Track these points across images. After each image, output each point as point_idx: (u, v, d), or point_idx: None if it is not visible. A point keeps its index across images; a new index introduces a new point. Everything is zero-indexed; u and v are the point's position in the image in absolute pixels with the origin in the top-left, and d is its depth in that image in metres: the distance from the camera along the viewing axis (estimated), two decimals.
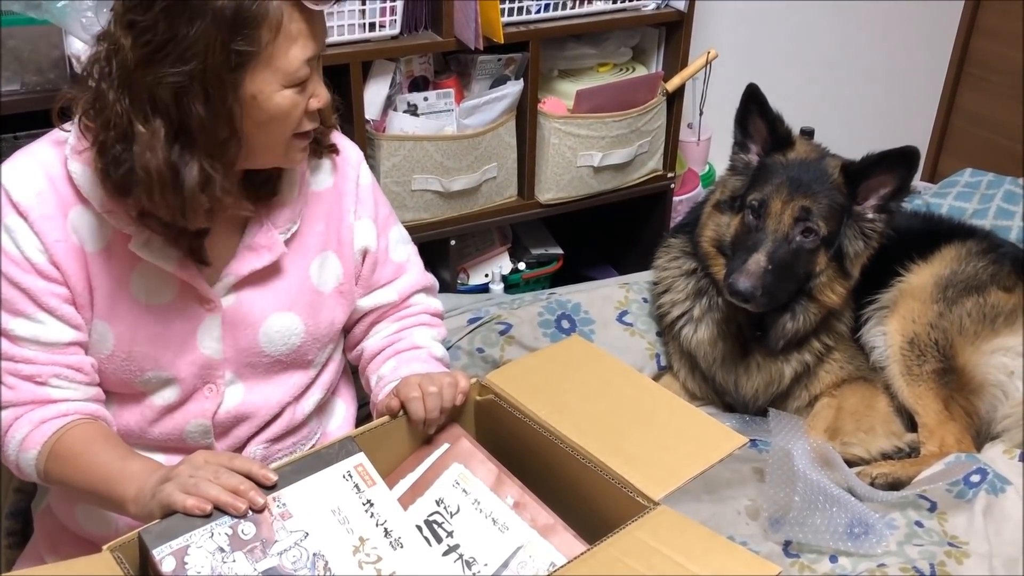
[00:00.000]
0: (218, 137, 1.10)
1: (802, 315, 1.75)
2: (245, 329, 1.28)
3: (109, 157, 1.10)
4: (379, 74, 1.90)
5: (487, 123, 1.99)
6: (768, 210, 1.71)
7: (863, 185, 1.72)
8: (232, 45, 1.06)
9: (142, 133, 1.08)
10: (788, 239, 1.69)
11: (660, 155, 2.28)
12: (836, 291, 1.74)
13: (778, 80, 2.73)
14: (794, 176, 1.72)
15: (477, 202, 2.07)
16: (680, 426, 1.22)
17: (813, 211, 1.69)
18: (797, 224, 1.69)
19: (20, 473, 1.21)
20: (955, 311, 1.79)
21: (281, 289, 1.30)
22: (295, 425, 1.37)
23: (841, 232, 1.71)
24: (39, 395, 1.19)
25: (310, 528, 1.05)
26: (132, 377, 1.24)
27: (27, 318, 1.18)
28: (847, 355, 1.84)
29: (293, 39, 1.10)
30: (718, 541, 1.05)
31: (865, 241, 1.73)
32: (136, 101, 1.08)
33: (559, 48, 2.13)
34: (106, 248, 1.19)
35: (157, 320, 1.23)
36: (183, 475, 1.05)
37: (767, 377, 1.81)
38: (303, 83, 1.14)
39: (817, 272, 1.72)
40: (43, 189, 1.16)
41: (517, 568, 1.12)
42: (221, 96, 1.08)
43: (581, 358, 1.37)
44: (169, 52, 1.05)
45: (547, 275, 2.29)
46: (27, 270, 1.16)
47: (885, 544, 1.48)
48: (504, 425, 1.26)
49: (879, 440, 1.78)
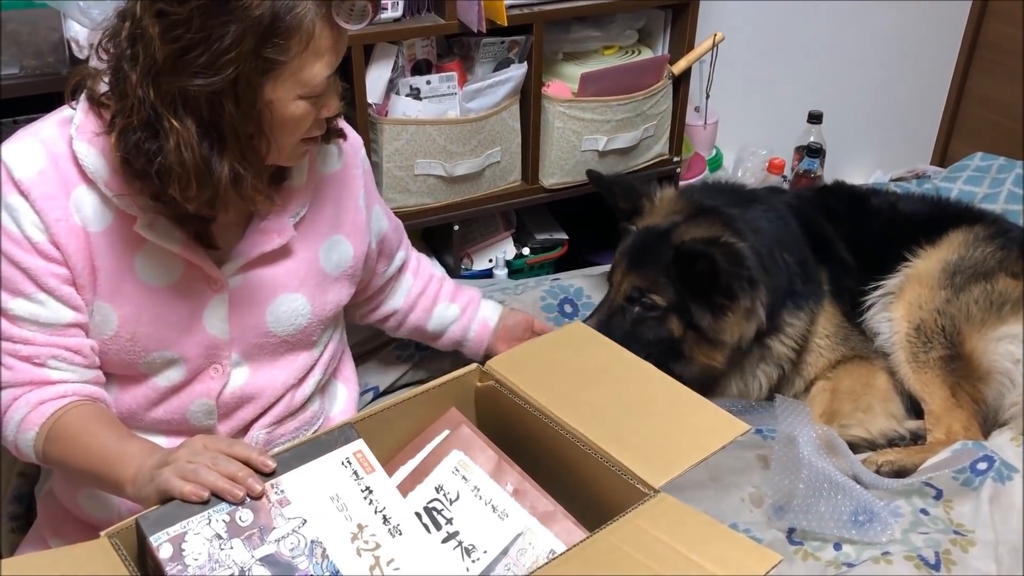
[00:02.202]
0: (247, 137, 1.11)
1: (683, 372, 1.67)
2: (252, 309, 1.28)
3: (130, 144, 1.09)
4: (381, 57, 1.89)
5: (490, 107, 1.98)
6: (611, 277, 1.74)
7: (691, 270, 1.63)
8: (262, 52, 1.05)
9: (176, 129, 1.07)
10: (624, 311, 1.68)
11: (666, 139, 2.26)
12: (709, 355, 1.67)
13: (785, 63, 2.71)
14: (635, 246, 1.72)
15: (480, 187, 2.06)
16: (682, 413, 1.21)
17: (644, 288, 1.66)
18: (632, 301, 1.68)
19: (19, 454, 1.21)
20: (962, 297, 1.77)
21: (290, 271, 1.31)
22: (296, 407, 1.38)
23: (685, 304, 1.65)
24: (37, 376, 1.19)
25: (308, 515, 1.04)
26: (136, 358, 1.24)
27: (26, 298, 1.17)
28: (838, 338, 1.81)
29: (319, 54, 1.10)
30: (718, 529, 1.04)
31: (713, 314, 1.64)
32: (165, 97, 1.06)
33: (563, 31, 2.11)
34: (109, 228, 1.19)
35: (162, 301, 1.23)
36: (181, 460, 1.04)
37: (741, 388, 1.78)
38: (319, 95, 1.14)
39: (679, 337, 1.67)
40: (45, 168, 1.15)
41: (517, 555, 1.12)
42: (251, 100, 1.08)
43: (583, 344, 1.36)
44: (201, 54, 1.04)
45: (551, 260, 2.28)
46: (27, 249, 1.16)
47: (890, 532, 1.47)
48: (505, 412, 1.26)
49: (878, 419, 1.76)
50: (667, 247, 1.67)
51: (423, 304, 1.60)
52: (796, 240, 1.82)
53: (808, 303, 1.77)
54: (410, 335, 1.65)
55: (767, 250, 1.72)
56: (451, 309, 1.61)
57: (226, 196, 1.12)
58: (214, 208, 1.15)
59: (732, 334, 1.66)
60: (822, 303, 1.81)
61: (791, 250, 1.78)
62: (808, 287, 1.78)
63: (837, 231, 1.89)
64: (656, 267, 1.66)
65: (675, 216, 1.73)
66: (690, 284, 1.64)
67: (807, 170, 2.52)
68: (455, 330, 1.62)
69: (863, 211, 1.97)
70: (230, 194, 1.12)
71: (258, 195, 1.15)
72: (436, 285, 1.62)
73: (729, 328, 1.65)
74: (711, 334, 1.65)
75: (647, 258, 1.68)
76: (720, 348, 1.67)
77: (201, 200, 1.12)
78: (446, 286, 1.63)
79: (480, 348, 1.62)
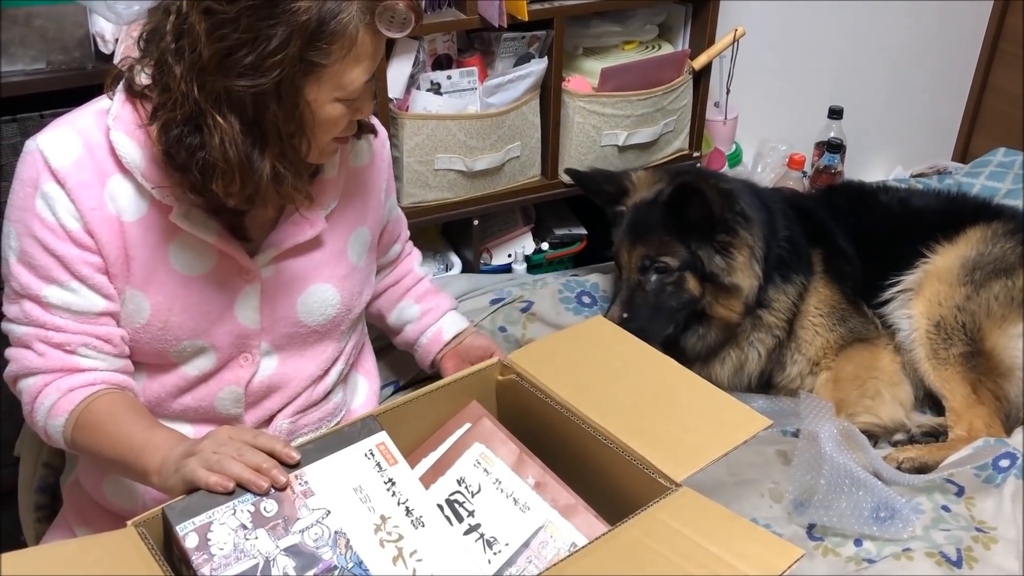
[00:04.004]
0: (288, 136, 1.12)
1: (708, 334, 1.78)
2: (283, 300, 1.30)
3: (172, 138, 1.11)
4: (402, 52, 1.89)
5: (510, 102, 1.98)
6: (619, 260, 1.80)
7: (686, 214, 1.71)
8: (306, 55, 1.07)
9: (221, 126, 1.08)
10: (642, 284, 1.74)
11: (686, 134, 2.25)
12: (728, 306, 1.75)
13: (806, 58, 2.70)
14: (633, 221, 1.78)
15: (500, 182, 2.06)
16: (703, 407, 1.21)
17: (652, 254, 1.73)
18: (646, 270, 1.74)
19: (48, 439, 1.23)
20: (983, 294, 1.76)
21: (320, 262, 1.32)
22: (319, 398, 1.39)
23: (695, 255, 1.72)
24: (68, 363, 1.20)
25: (332, 506, 1.05)
26: (167, 347, 1.25)
27: (60, 286, 1.19)
28: (834, 317, 1.83)
29: (359, 60, 1.11)
30: (741, 523, 1.04)
31: (723, 256, 1.72)
32: (209, 94, 1.08)
33: (584, 25, 2.10)
34: (144, 218, 1.20)
35: (195, 290, 1.24)
36: (206, 451, 1.05)
37: (735, 365, 1.83)
38: (355, 99, 1.15)
39: (699, 295, 1.74)
40: (81, 157, 1.17)
41: (538, 548, 1.12)
42: (293, 100, 1.09)
43: (604, 338, 1.36)
44: (247, 55, 1.05)
45: (570, 255, 2.28)
46: (62, 237, 1.17)
47: (911, 528, 1.47)
48: (526, 405, 1.26)
49: (887, 405, 1.76)
50: (659, 209, 1.75)
51: (390, 295, 1.58)
52: (788, 220, 1.86)
53: (797, 278, 1.82)
54: (374, 321, 1.62)
55: (755, 207, 1.80)
56: (412, 309, 1.58)
57: (266, 193, 1.14)
58: (253, 204, 1.17)
59: (744, 275, 1.73)
60: (813, 280, 1.85)
61: (781, 227, 1.83)
62: (797, 263, 1.83)
63: (841, 227, 1.91)
64: (658, 231, 1.74)
65: (659, 184, 1.82)
66: (691, 229, 1.71)
67: (827, 166, 2.51)
68: (410, 331, 1.58)
69: (871, 207, 1.97)
70: (270, 191, 1.13)
71: (298, 194, 1.17)
72: (411, 281, 1.60)
73: (740, 268, 1.73)
74: (726, 278, 1.73)
75: (647, 227, 1.76)
76: (737, 296, 1.74)
77: (242, 196, 1.14)
78: (420, 286, 1.60)
79: (427, 358, 1.56)
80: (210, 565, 0.97)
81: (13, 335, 1.22)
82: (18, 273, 1.19)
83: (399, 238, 1.57)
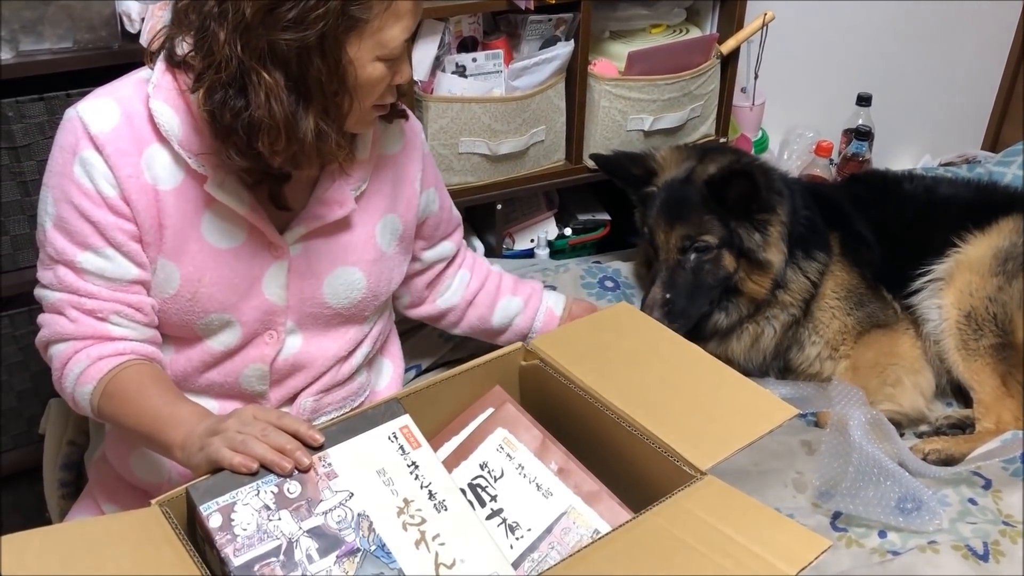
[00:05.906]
0: (332, 94, 1.13)
1: (734, 311, 1.80)
2: (310, 279, 1.30)
3: (216, 100, 1.11)
4: (428, 34, 1.88)
5: (536, 85, 1.96)
6: (656, 242, 1.78)
7: (728, 195, 1.72)
8: (347, 9, 1.08)
9: (265, 81, 1.09)
10: (682, 264, 1.74)
11: (712, 120, 2.23)
12: (758, 282, 1.77)
13: (835, 44, 2.66)
14: (668, 202, 1.77)
15: (524, 166, 2.05)
16: (729, 395, 1.20)
17: (693, 234, 1.73)
18: (685, 250, 1.74)
19: (75, 407, 1.24)
20: (1015, 285, 1.74)
21: (348, 244, 1.32)
22: (344, 378, 1.40)
23: (733, 233, 1.73)
24: (99, 331, 1.21)
25: (355, 488, 1.05)
26: (194, 319, 1.26)
27: (94, 252, 1.19)
28: (852, 300, 1.82)
29: (399, 17, 1.12)
30: (767, 513, 1.03)
31: (761, 232, 1.75)
32: (254, 51, 1.08)
33: (611, 8, 2.08)
34: (179, 187, 1.21)
35: (225, 263, 1.24)
36: (231, 430, 1.05)
37: (751, 338, 1.84)
38: (395, 59, 1.15)
39: (733, 271, 1.75)
40: (119, 124, 1.17)
41: (561, 534, 1.12)
42: (336, 56, 1.10)
43: (629, 324, 1.35)
44: (291, 9, 1.06)
45: (593, 241, 2.27)
46: (98, 204, 1.18)
47: (937, 521, 1.45)
48: (549, 391, 1.26)
49: (908, 393, 1.75)
50: (696, 189, 1.75)
51: (484, 300, 1.61)
52: (806, 201, 1.86)
53: (815, 255, 1.82)
54: (471, 332, 1.65)
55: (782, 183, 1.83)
56: (514, 301, 1.62)
57: (310, 151, 1.14)
58: (297, 164, 1.17)
59: (777, 251, 1.75)
60: (830, 263, 1.84)
61: (800, 206, 1.83)
62: (816, 240, 1.83)
63: (861, 213, 1.89)
64: (696, 210, 1.74)
65: (688, 162, 1.82)
66: (732, 208, 1.72)
67: (855, 153, 2.47)
68: (520, 322, 1.62)
69: (895, 196, 1.95)
70: (312, 151, 1.14)
71: (340, 150, 1.17)
72: (496, 279, 1.63)
73: (774, 244, 1.75)
74: (761, 254, 1.75)
75: (683, 207, 1.76)
76: (768, 272, 1.76)
77: (287, 154, 1.14)
78: (506, 280, 1.64)
79: None
80: (233, 545, 0.97)
81: (46, 301, 1.23)
82: (54, 239, 1.19)
83: (450, 236, 1.57)
